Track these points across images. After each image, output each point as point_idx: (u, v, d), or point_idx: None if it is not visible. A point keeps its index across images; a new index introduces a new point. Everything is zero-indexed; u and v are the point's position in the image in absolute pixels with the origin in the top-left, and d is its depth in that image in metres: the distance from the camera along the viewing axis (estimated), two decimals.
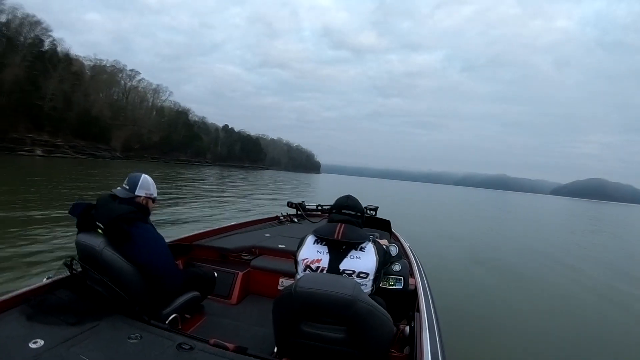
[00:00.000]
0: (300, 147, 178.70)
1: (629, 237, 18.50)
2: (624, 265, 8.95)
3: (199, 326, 2.03)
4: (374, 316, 1.32)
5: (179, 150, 76.34)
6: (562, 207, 56.59)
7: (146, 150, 66.96)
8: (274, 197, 18.10)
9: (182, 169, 44.82)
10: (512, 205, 43.45)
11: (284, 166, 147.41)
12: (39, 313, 1.44)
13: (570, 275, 7.12)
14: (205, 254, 2.81)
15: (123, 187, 1.83)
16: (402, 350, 1.66)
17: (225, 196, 16.60)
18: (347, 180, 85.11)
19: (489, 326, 4.00)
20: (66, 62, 49.82)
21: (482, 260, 7.78)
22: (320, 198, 8.38)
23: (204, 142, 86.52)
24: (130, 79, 72.50)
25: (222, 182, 27.35)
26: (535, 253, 9.48)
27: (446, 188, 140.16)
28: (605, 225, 24.47)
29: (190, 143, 79.46)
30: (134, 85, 72.99)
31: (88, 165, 30.71)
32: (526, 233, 14.80)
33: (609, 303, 5.46)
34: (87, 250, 1.63)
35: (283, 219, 4.26)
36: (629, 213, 55.97)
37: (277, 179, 45.69)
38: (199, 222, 8.55)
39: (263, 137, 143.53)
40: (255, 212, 11.37)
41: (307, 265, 1.61)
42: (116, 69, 68.36)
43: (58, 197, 10.63)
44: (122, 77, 70.06)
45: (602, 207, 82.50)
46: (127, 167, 32.49)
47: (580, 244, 12.55)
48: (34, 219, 6.89)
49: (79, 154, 47.35)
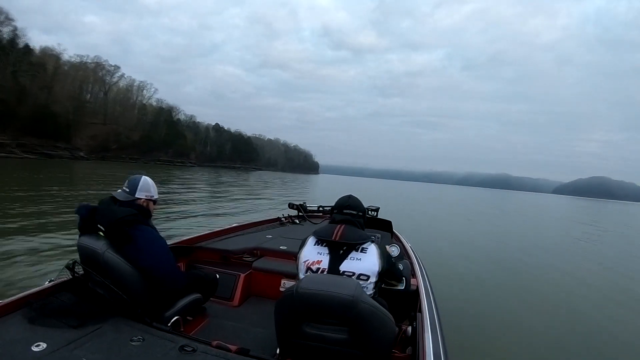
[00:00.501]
0: (298, 147, 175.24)
1: (635, 236, 17.99)
2: (629, 265, 8.86)
3: (201, 328, 2.03)
4: (376, 317, 1.32)
5: (160, 150, 70.69)
6: (565, 205, 55.44)
7: (125, 150, 62.19)
8: (249, 208, 12.88)
9: (159, 170, 39.14)
10: (516, 204, 42.97)
11: (281, 167, 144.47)
12: (41, 316, 1.45)
13: (574, 276, 7.08)
14: (206, 256, 2.81)
15: (123, 190, 1.83)
16: (404, 350, 1.65)
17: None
18: (346, 181, 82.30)
19: (492, 326, 3.99)
20: (24, 52, 44.61)
21: (485, 260, 7.76)
22: (316, 200, 8.15)
23: (187, 141, 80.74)
24: (110, 75, 67.68)
25: (186, 186, 21.28)
26: (539, 252, 9.45)
27: (447, 188, 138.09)
28: (610, 224, 24.10)
29: (172, 142, 73.47)
30: (114, 82, 68.52)
31: (36, 168, 24.61)
32: (529, 232, 14.68)
33: (614, 304, 5.41)
34: (88, 253, 1.64)
35: (284, 220, 4.26)
36: (635, 211, 55.36)
37: (269, 180, 41.66)
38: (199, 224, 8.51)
39: (259, 137, 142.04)
40: (257, 213, 11.36)
41: (308, 266, 1.60)
42: (97, 65, 64.36)
43: None
44: (103, 74, 65.64)
45: (606, 205, 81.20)
46: (88, 169, 29.69)
47: (585, 243, 12.44)
48: None
49: (28, 153, 40.73)
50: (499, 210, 29.30)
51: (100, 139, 58.27)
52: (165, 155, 71.96)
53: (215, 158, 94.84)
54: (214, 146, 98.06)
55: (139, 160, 63.20)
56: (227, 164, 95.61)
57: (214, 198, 16.17)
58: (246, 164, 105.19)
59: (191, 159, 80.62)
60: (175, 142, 74.44)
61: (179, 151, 75.85)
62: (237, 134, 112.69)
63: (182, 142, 77.20)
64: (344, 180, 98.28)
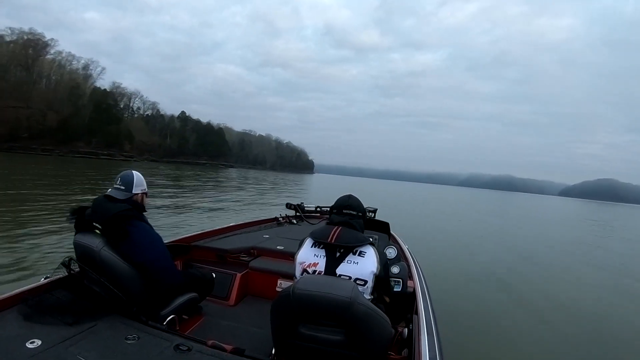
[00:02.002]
0: (291, 144, 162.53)
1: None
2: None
3: (196, 327, 2.02)
4: (372, 318, 1.32)
5: (83, 140, 55.54)
6: (574, 209, 53.32)
7: (37, 140, 48.47)
8: None
9: (67, 165, 30.20)
10: (523, 207, 41.19)
11: (270, 165, 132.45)
12: (36, 313, 1.44)
13: (574, 280, 7.05)
14: (203, 255, 2.80)
15: (117, 188, 1.81)
16: (400, 352, 1.65)
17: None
18: (345, 181, 75.96)
19: (488, 329, 4.00)
20: None
21: (482, 263, 7.77)
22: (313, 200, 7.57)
23: (120, 128, 62.43)
24: (41, 50, 52.58)
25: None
26: (538, 256, 9.37)
27: (450, 189, 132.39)
28: (624, 230, 22.36)
29: (99, 129, 56.56)
30: (45, 58, 53.81)
31: None
32: (539, 236, 14.25)
33: (616, 310, 5.34)
34: (85, 251, 1.64)
35: (282, 220, 4.26)
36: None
37: (228, 185, 26.90)
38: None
39: (248, 133, 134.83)
40: (254, 213, 11.34)
41: (304, 268, 1.59)
42: (28, 41, 50.97)
43: None
44: (33, 50, 51.52)
45: (616, 209, 75.95)
46: None
47: (594, 250, 11.87)
48: None
49: None
50: (507, 212, 28.53)
51: (8, 126, 43.79)
52: (88, 145, 55.97)
53: (176, 152, 79.79)
54: (175, 138, 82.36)
55: (53, 151, 49.32)
56: (190, 159, 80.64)
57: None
58: (214, 160, 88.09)
59: (125, 150, 63.57)
60: (103, 129, 57.39)
61: (110, 141, 59.13)
62: (206, 124, 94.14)
63: (110, 129, 58.80)
64: (344, 180, 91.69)
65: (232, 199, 16.53)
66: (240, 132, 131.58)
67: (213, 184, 25.28)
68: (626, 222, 31.83)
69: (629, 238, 17.70)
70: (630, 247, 13.85)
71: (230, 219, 9.48)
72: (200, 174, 37.52)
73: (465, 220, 18.38)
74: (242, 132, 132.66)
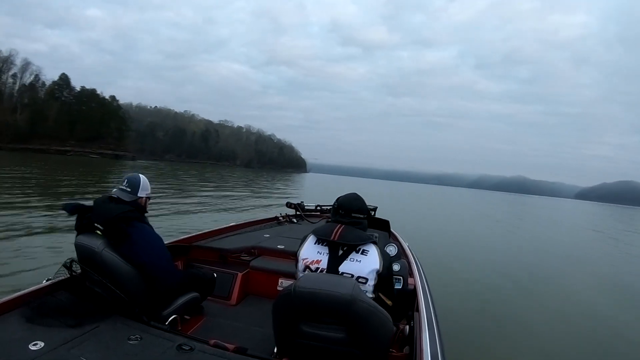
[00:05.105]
0: (274, 136, 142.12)
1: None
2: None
3: (198, 327, 2.03)
4: (373, 316, 1.33)
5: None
6: (596, 214, 47.82)
7: None
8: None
9: None
10: (545, 209, 38.02)
11: (245, 162, 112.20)
12: (38, 315, 1.45)
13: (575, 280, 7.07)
14: (204, 255, 2.81)
15: (123, 190, 1.82)
16: (401, 349, 1.66)
17: None
18: (344, 182, 65.32)
19: (489, 326, 4.01)
20: None
21: (483, 261, 7.79)
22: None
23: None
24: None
25: None
26: (547, 256, 9.27)
27: (459, 191, 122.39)
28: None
29: None
30: None
31: None
32: (550, 239, 13.64)
33: (616, 310, 5.29)
34: (86, 252, 1.64)
35: (282, 220, 4.26)
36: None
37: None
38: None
39: (224, 124, 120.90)
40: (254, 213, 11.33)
41: (306, 265, 1.60)
42: None
43: None
44: None
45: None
46: None
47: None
48: None
49: None
50: (532, 216, 27.08)
51: None
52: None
53: (27, 135, 50.97)
54: (27, 112, 52.57)
55: None
56: (46, 143, 52.37)
57: None
58: (91, 145, 59.05)
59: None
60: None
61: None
62: (87, 90, 63.61)
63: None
64: (343, 180, 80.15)
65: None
66: (206, 121, 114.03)
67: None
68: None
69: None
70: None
71: (230, 218, 9.48)
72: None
73: (501, 225, 17.33)
74: (218, 123, 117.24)
